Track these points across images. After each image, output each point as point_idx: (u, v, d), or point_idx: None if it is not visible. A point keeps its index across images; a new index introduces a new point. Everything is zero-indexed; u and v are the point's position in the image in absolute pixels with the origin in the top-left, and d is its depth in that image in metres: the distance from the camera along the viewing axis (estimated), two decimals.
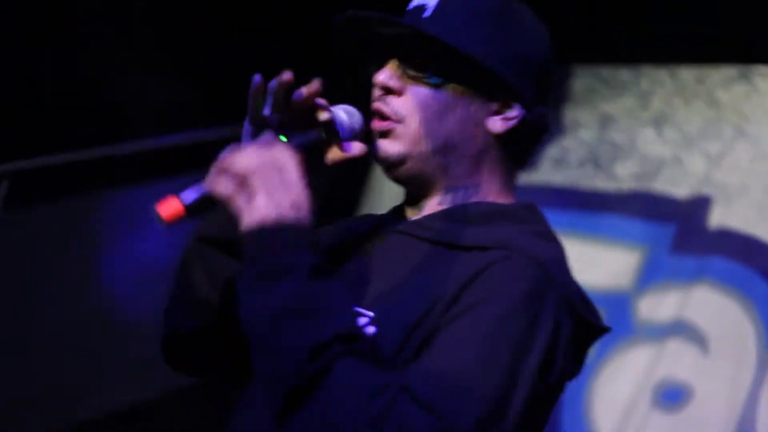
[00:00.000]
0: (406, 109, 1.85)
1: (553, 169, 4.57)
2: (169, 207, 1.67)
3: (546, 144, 4.60)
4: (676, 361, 4.16)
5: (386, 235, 1.91)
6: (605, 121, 4.56)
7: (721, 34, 4.17)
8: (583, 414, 4.23)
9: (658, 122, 4.46)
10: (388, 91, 1.87)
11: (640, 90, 4.50)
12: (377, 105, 1.87)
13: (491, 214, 1.84)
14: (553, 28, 1.95)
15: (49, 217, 4.49)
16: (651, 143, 4.44)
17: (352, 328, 1.59)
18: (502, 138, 1.87)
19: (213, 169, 1.70)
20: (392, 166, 1.87)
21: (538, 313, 1.66)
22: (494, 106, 1.86)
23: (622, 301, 4.35)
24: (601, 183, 4.50)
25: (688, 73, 4.41)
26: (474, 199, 1.88)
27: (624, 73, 4.54)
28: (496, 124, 1.87)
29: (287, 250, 1.62)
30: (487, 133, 1.87)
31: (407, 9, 1.91)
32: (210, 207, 1.69)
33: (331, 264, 1.72)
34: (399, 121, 1.86)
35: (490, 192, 1.90)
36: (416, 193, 1.91)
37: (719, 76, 4.34)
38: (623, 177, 4.46)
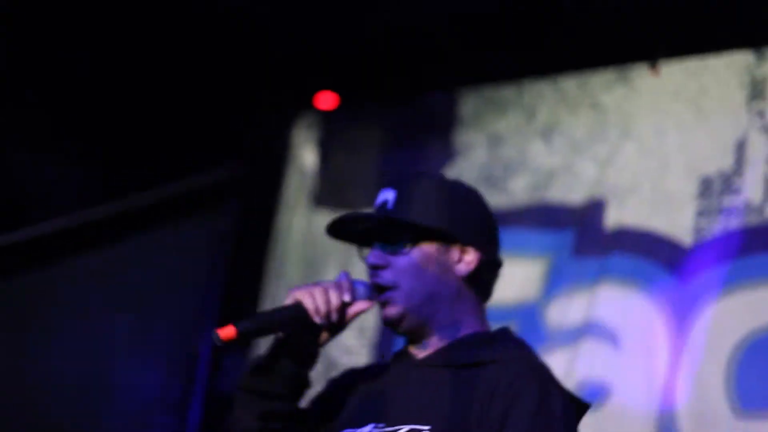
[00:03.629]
0: (395, 276, 2.50)
1: None
2: (226, 331, 2.38)
3: (442, 169, 4.68)
4: (591, 360, 4.20)
5: (408, 369, 2.54)
6: (494, 140, 4.64)
7: (597, 38, 4.30)
8: None
9: (546, 134, 4.55)
10: (377, 267, 2.51)
11: (524, 105, 4.60)
12: (374, 280, 2.53)
13: (483, 340, 2.52)
14: (434, 55, 2.26)
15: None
16: (541, 155, 4.53)
17: None
18: (468, 278, 2.53)
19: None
20: (396, 324, 2.52)
21: (552, 405, 2.39)
22: (455, 256, 2.52)
23: (531, 312, 4.39)
24: (496, 200, 4.54)
25: (569, 82, 4.51)
26: (463, 332, 2.52)
27: (508, 91, 4.64)
28: (461, 268, 2.53)
29: None
30: (457, 277, 2.52)
31: (375, 205, 2.59)
32: (255, 337, 2.54)
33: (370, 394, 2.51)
34: (393, 287, 2.50)
35: (471, 323, 2.54)
36: (417, 338, 2.54)
37: (599, 80, 4.45)
38: (517, 191, 4.54)
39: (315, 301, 2.46)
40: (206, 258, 5.05)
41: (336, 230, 2.60)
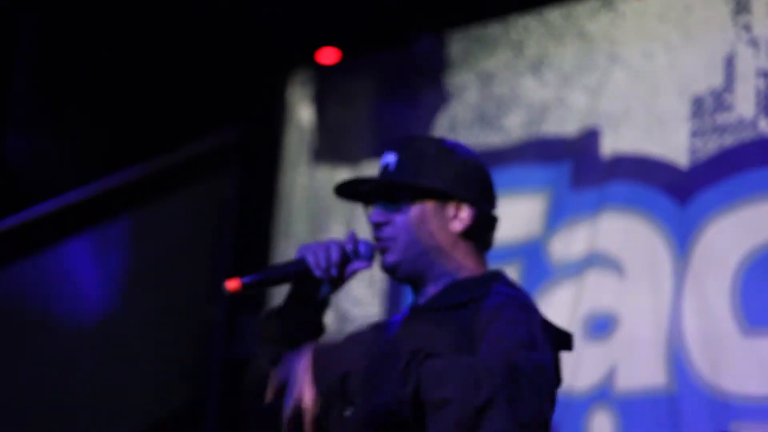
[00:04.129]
0: (394, 231, 2.66)
1: (446, 136, 4.59)
2: (232, 283, 2.52)
3: (437, 114, 4.66)
4: (597, 291, 4.18)
5: (412, 319, 2.69)
6: (485, 79, 4.62)
7: None
8: None
9: (536, 68, 4.51)
10: (379, 224, 2.67)
11: (511, 41, 4.57)
12: (376, 235, 2.68)
13: (474, 281, 2.65)
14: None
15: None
16: (532, 90, 4.49)
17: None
18: (463, 233, 2.67)
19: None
20: (393, 270, 2.67)
21: (532, 321, 2.50)
22: (451, 213, 2.66)
23: (535, 248, 4.37)
24: (492, 139, 4.54)
25: (554, 14, 4.47)
26: (459, 276, 2.66)
27: (495, 28, 4.61)
28: (456, 224, 2.67)
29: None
30: (451, 232, 2.66)
31: (379, 167, 2.73)
32: (260, 287, 2.63)
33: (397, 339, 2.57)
34: (393, 240, 2.66)
35: (467, 269, 2.67)
36: (415, 285, 2.70)
37: (584, 9, 4.41)
38: (512, 128, 4.51)
39: (317, 257, 2.62)
40: (214, 224, 5.06)
41: (343, 191, 2.79)
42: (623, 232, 4.17)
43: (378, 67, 4.93)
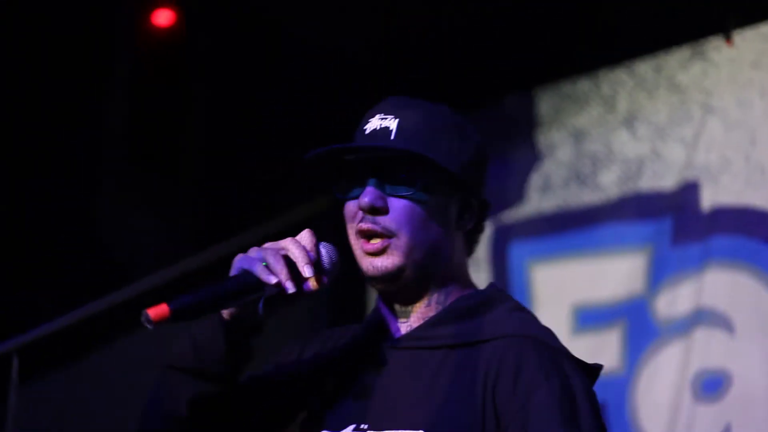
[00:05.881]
0: (396, 224, 2.01)
1: (540, 196, 4.55)
2: (158, 310, 1.93)
3: (530, 173, 4.59)
4: (707, 349, 4.06)
5: (389, 349, 2.06)
6: (578, 136, 4.54)
7: (667, 17, 4.20)
8: (630, 426, 4.13)
9: (629, 122, 4.43)
10: (374, 211, 2.01)
11: (602, 96, 4.48)
12: (366, 226, 2.02)
13: (477, 306, 2.06)
14: (511, 56, 2.09)
15: (66, 379, 4.48)
16: (626, 144, 4.41)
17: None
18: (468, 234, 2.10)
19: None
20: (391, 279, 2.02)
21: (572, 390, 1.97)
22: (464, 208, 2.08)
23: (640, 307, 4.27)
24: (588, 197, 4.46)
25: (644, 66, 4.39)
26: (452, 296, 2.07)
27: (584, 84, 4.53)
28: (467, 223, 2.09)
29: None
30: (458, 233, 2.08)
31: (365, 134, 2.07)
32: (194, 316, 1.97)
33: (325, 380, 2.09)
34: (391, 236, 2.01)
35: (460, 283, 2.09)
36: (404, 301, 2.07)
37: (675, 60, 4.32)
38: (608, 185, 4.42)
39: (267, 269, 1.96)
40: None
41: (318, 159, 2.08)
42: (730, 286, 4.06)
43: None
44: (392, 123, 2.04)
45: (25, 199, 4.38)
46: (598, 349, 4.17)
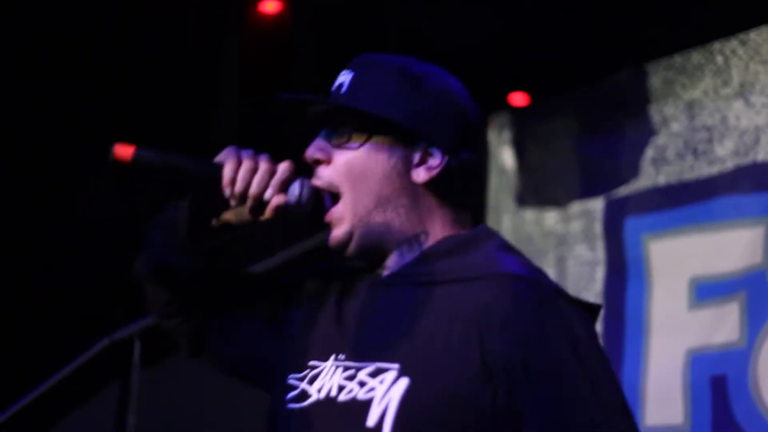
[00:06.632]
0: (336, 175, 2.08)
1: (654, 170, 4.52)
2: (124, 150, 2.01)
3: (643, 147, 4.56)
4: None
5: (374, 286, 2.10)
6: (692, 108, 4.50)
7: None
8: (753, 399, 4.08)
9: (743, 93, 4.37)
10: (317, 162, 2.10)
11: (716, 67, 4.44)
12: (313, 182, 2.10)
13: (457, 245, 2.06)
14: (619, 33, 2.10)
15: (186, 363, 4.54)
16: (742, 116, 4.35)
17: None
18: (429, 185, 2.08)
19: None
20: (344, 246, 2.08)
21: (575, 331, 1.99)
22: (416, 158, 2.08)
23: (759, 278, 4.20)
24: (704, 169, 4.42)
25: (757, 36, 4.34)
26: (429, 243, 2.08)
27: (696, 56, 4.49)
28: (420, 175, 2.08)
29: None
30: (413, 183, 2.08)
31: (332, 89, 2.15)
32: (152, 173, 2.03)
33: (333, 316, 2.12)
34: (333, 186, 2.07)
35: (441, 233, 2.08)
36: (375, 258, 2.10)
37: None
38: (725, 157, 4.37)
39: (236, 174, 2.04)
40: None
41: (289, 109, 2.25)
42: None
43: (577, 105, 4.86)
44: (347, 77, 2.11)
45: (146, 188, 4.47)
46: (717, 322, 4.13)
